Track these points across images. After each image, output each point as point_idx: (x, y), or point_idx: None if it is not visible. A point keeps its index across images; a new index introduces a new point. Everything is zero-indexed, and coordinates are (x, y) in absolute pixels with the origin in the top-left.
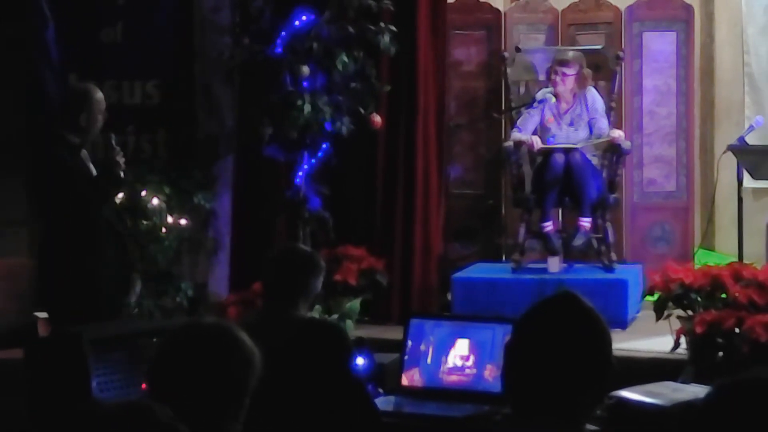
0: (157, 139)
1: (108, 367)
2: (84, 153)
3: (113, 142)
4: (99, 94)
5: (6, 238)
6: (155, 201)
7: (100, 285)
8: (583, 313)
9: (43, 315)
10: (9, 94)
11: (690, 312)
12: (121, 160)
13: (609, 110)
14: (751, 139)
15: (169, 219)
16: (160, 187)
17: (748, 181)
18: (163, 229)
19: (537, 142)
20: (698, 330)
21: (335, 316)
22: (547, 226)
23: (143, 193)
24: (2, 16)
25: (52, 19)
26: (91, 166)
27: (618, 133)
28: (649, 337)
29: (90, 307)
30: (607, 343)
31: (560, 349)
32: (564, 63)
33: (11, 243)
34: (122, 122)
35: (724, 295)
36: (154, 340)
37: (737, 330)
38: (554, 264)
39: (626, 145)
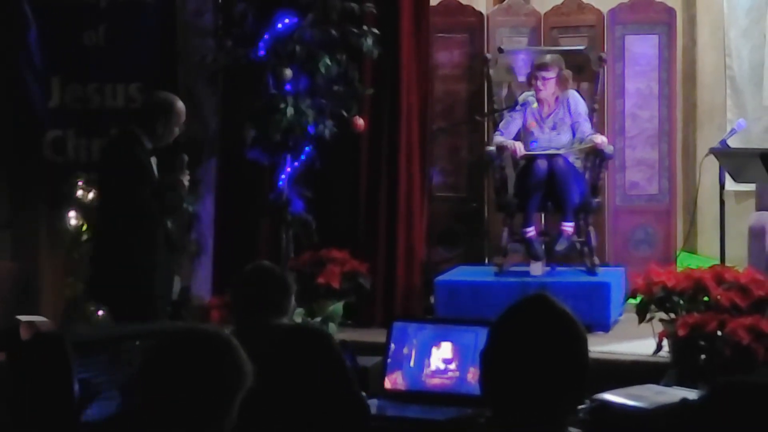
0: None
1: (91, 369)
2: (153, 159)
3: (184, 163)
4: (180, 107)
5: None
6: None
7: (155, 284)
8: (557, 315)
9: (26, 318)
10: None
11: (672, 315)
12: (186, 179)
13: (591, 112)
14: (733, 143)
15: None
16: None
17: (731, 184)
18: None
19: (520, 149)
20: (681, 333)
21: (318, 319)
22: (530, 231)
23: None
24: None
25: (35, 21)
26: (155, 170)
27: (601, 139)
28: (632, 340)
29: (146, 306)
30: (583, 343)
31: (535, 351)
32: (543, 67)
33: None
34: (105, 125)
35: (706, 298)
36: (137, 343)
37: (719, 333)
38: (537, 268)
39: (609, 149)
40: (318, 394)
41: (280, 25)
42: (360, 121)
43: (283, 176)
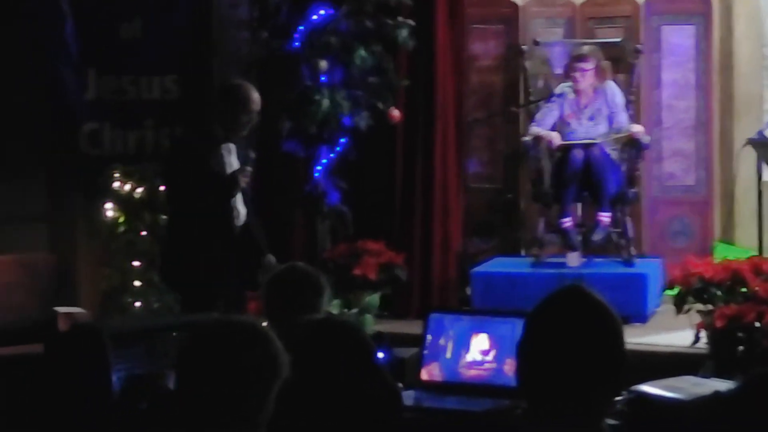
0: (175, 133)
1: (128, 361)
2: (228, 147)
3: (249, 157)
4: (255, 96)
5: (26, 234)
6: None
7: (226, 271)
8: (593, 306)
9: (63, 310)
10: (29, 90)
11: (710, 306)
12: (248, 171)
13: (628, 103)
14: None
15: None
16: None
17: None
18: None
19: (556, 139)
20: (718, 324)
21: (354, 311)
22: (566, 221)
23: (162, 187)
24: (21, 13)
25: (71, 14)
26: (233, 161)
27: (637, 128)
28: (669, 332)
29: (216, 294)
30: (619, 335)
31: (572, 342)
32: (581, 58)
33: (31, 238)
34: (141, 117)
35: (744, 289)
36: (174, 334)
37: (757, 324)
38: (573, 259)
39: (645, 139)
40: (349, 387)
41: (315, 17)
42: (395, 113)
43: (318, 168)
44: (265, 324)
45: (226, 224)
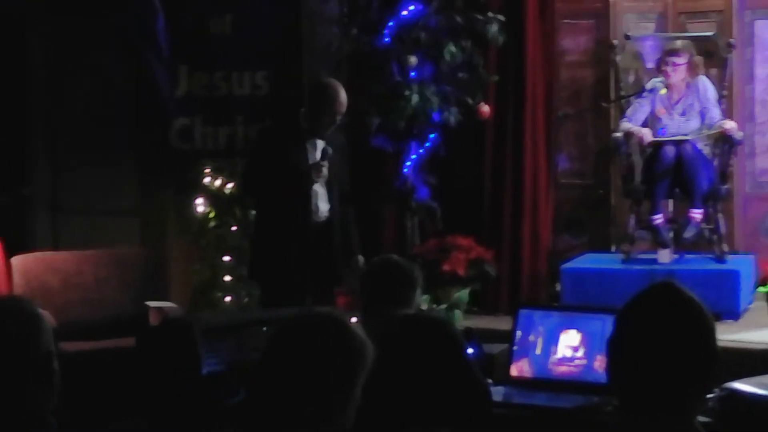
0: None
1: (218, 355)
2: (314, 142)
3: (327, 153)
4: (341, 97)
5: (118, 228)
6: None
7: (305, 267)
8: (684, 303)
9: (155, 304)
10: (120, 85)
11: None
12: (323, 167)
13: (720, 98)
14: None
15: None
16: None
17: None
18: None
19: (647, 135)
20: None
21: (443, 306)
22: (657, 218)
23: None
24: (111, 7)
25: (162, 10)
26: (317, 156)
27: (730, 124)
28: (762, 329)
29: (300, 290)
30: (711, 332)
31: (663, 339)
32: (674, 52)
33: (124, 232)
34: (232, 112)
35: None
36: (264, 329)
37: None
38: (665, 256)
39: (738, 135)
40: (439, 382)
41: (404, 12)
42: (485, 108)
43: (408, 163)
44: (356, 318)
45: (302, 219)
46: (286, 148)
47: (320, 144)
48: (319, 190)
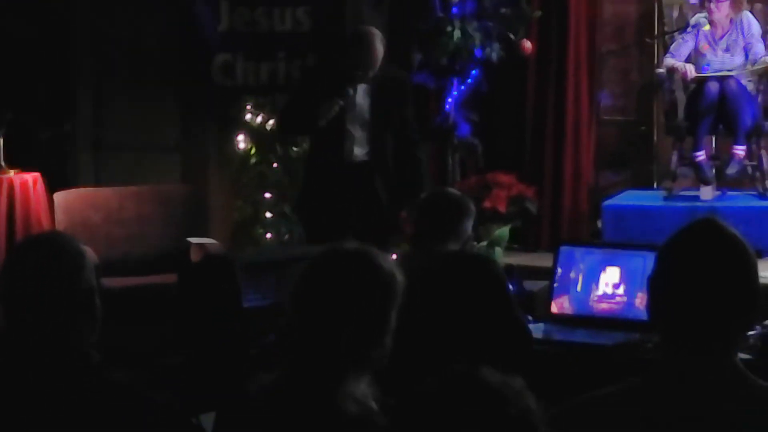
0: (307, 64)
1: (259, 291)
2: (360, 87)
3: (348, 93)
4: (375, 46)
5: (159, 164)
6: None
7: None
8: (726, 239)
9: (196, 240)
10: (163, 22)
11: None
12: (336, 106)
13: (765, 34)
14: None
15: None
16: None
17: None
18: None
19: (690, 71)
20: None
21: (484, 243)
22: (700, 155)
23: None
24: None
25: None
26: (359, 99)
27: None
28: None
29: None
30: (753, 268)
31: (704, 276)
32: None
33: (165, 169)
34: (273, 48)
35: None
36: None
37: None
38: (707, 192)
39: None
40: (481, 319)
41: None
42: (527, 44)
43: (449, 100)
44: (395, 254)
45: (335, 160)
46: (325, 89)
47: (362, 88)
48: (356, 132)
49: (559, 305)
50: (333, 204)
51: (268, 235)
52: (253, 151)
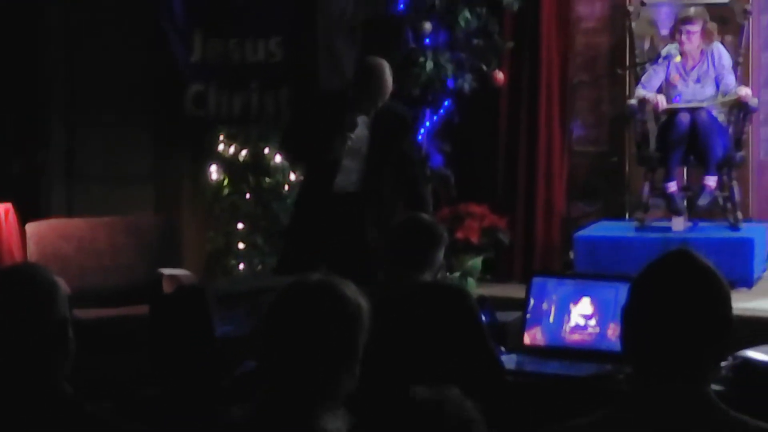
0: (279, 96)
1: (231, 322)
2: (359, 119)
3: (351, 125)
4: (384, 78)
5: (133, 195)
6: (278, 158)
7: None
8: (699, 270)
9: (168, 271)
10: (135, 51)
11: None
12: (348, 141)
13: (736, 66)
14: None
15: (292, 176)
16: None
17: None
18: (286, 187)
19: (662, 102)
20: None
21: (457, 274)
22: (671, 186)
23: (266, 150)
24: None
25: None
26: (359, 132)
27: (745, 91)
28: None
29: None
30: (726, 299)
31: (677, 307)
32: (687, 21)
33: (138, 199)
34: (246, 79)
35: None
36: None
37: None
38: (679, 224)
39: (753, 102)
40: (453, 350)
41: None
42: (500, 75)
43: (422, 130)
44: (377, 282)
45: (324, 191)
46: (330, 118)
47: (362, 120)
48: (348, 163)
49: (532, 336)
50: (314, 233)
51: (241, 266)
52: (226, 182)
